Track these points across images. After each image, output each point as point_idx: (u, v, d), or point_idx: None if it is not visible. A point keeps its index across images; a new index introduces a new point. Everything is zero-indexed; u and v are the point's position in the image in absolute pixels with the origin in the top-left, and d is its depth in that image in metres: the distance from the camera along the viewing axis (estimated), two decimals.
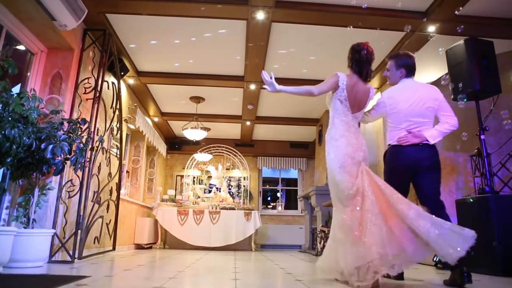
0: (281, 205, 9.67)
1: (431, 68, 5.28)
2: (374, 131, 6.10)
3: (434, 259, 3.99)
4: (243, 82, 5.85)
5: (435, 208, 2.57)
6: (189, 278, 2.81)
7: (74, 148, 3.44)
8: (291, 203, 10.54)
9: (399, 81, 2.89)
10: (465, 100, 3.60)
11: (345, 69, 2.76)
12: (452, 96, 3.77)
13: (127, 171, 7.00)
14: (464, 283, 2.38)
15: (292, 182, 10.43)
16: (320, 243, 5.88)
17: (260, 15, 4.05)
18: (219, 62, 5.43)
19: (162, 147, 8.00)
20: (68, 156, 3.41)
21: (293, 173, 10.27)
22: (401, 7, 4.02)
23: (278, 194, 10.26)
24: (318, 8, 4.05)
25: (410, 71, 2.86)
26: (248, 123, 7.89)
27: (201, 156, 8.47)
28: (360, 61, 2.65)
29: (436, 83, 4.35)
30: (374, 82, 5.82)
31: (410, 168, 2.70)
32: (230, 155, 9.11)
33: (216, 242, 6.96)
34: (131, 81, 5.89)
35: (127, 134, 6.85)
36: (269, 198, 11.11)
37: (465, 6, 3.87)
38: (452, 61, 3.84)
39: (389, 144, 2.84)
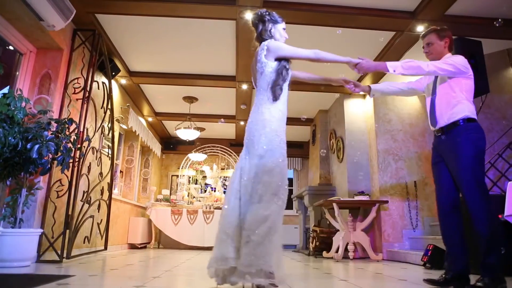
0: None
1: None
2: (366, 131, 6.08)
3: (422, 259, 4.00)
4: (235, 82, 5.85)
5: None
6: (173, 277, 2.82)
7: (61, 148, 3.44)
8: (287, 203, 10.52)
9: (443, 52, 2.54)
10: None
11: (336, 70, 2.74)
12: None
13: (120, 171, 7.00)
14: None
15: (288, 182, 10.40)
16: (312, 242, 5.88)
17: (249, 15, 4.04)
18: (210, 62, 5.43)
19: (156, 147, 8.00)
20: (55, 156, 3.42)
21: (289, 173, 10.26)
22: (390, 7, 4.03)
23: None
24: (307, 8, 4.05)
25: (452, 43, 2.59)
26: (242, 123, 7.87)
27: (195, 156, 8.47)
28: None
29: None
30: (367, 82, 5.81)
31: None
32: (225, 155, 9.11)
33: (210, 242, 6.87)
34: (123, 81, 5.89)
35: (120, 134, 6.86)
36: None
37: (453, 6, 3.88)
38: None
39: (474, 119, 2.40)
